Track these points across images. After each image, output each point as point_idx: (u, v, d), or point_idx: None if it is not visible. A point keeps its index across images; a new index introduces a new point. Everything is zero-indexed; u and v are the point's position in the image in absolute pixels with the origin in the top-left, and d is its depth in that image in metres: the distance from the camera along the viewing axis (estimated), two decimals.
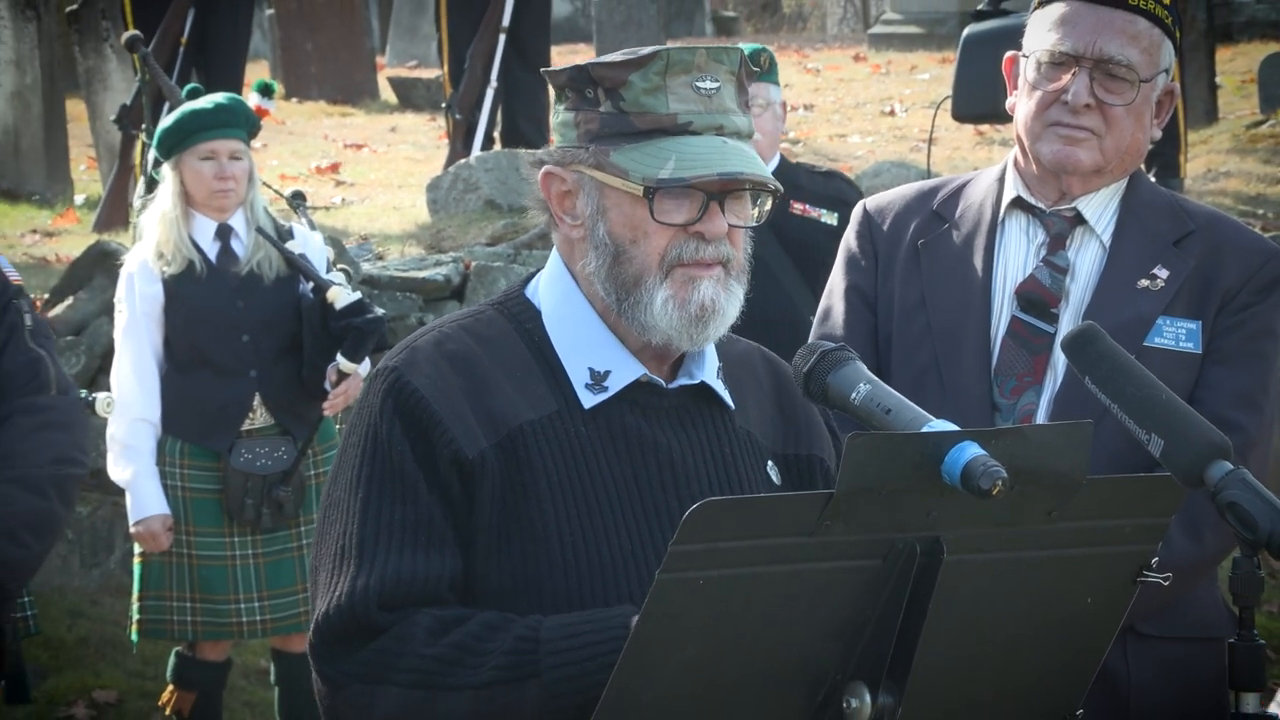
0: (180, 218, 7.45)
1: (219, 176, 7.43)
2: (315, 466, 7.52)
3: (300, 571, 7.49)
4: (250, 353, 7.44)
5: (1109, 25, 4.15)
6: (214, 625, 7.51)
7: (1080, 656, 3.21)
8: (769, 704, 3.06)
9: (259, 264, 7.45)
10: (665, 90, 3.31)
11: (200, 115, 7.54)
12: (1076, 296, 4.18)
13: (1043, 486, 3.04)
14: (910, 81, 16.19)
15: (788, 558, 2.97)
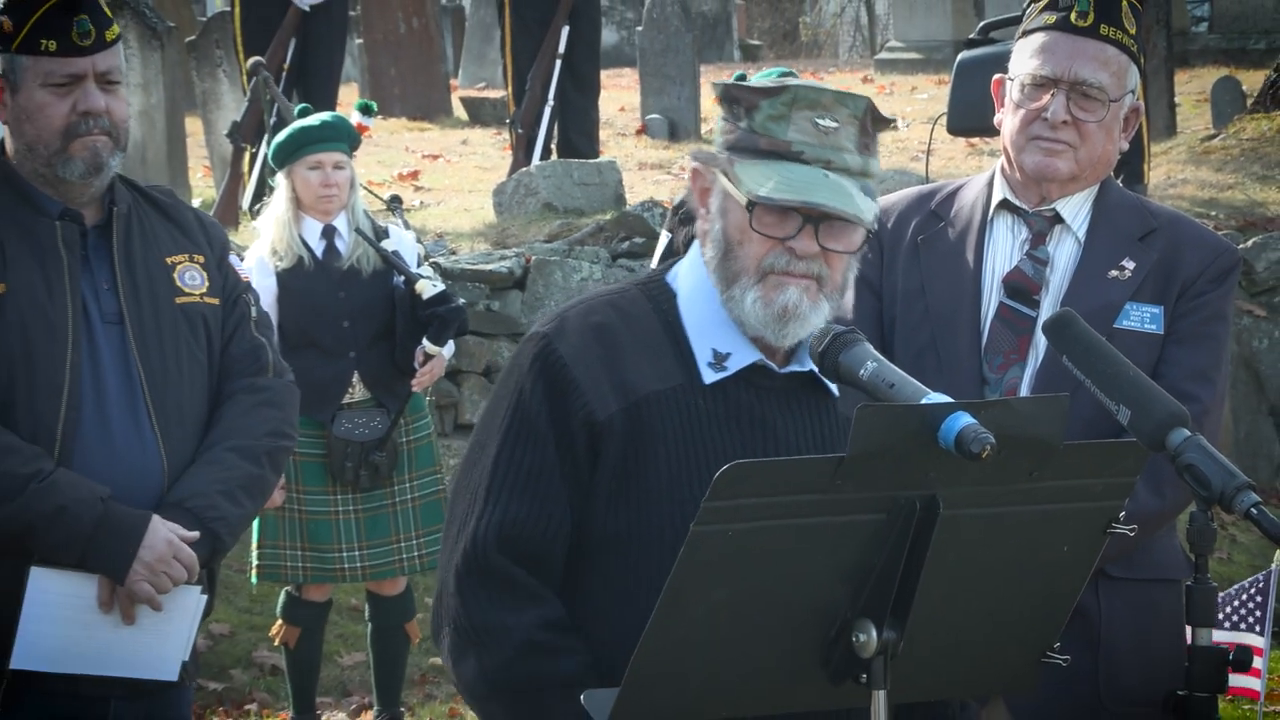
0: (291, 219, 7.49)
1: (324, 184, 7.46)
2: (406, 434, 7.55)
3: (394, 525, 7.52)
4: (350, 336, 7.47)
5: (1082, 52, 4.13)
6: (320, 570, 7.54)
7: (1058, 597, 3.19)
8: (789, 639, 3.05)
9: (358, 260, 7.48)
10: (788, 120, 3.28)
11: (309, 131, 7.57)
12: (1055, 285, 4.17)
13: (1026, 450, 3.03)
14: (911, 100, 16.16)
15: (805, 512, 2.96)
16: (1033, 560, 3.12)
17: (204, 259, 4.34)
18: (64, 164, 4.15)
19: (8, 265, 4.13)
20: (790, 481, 2.97)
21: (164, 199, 4.39)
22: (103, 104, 4.16)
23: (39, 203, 4.18)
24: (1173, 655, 3.42)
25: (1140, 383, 3.42)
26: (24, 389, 4.10)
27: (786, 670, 3.07)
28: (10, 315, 4.11)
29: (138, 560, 4.05)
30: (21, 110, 4.16)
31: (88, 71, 4.14)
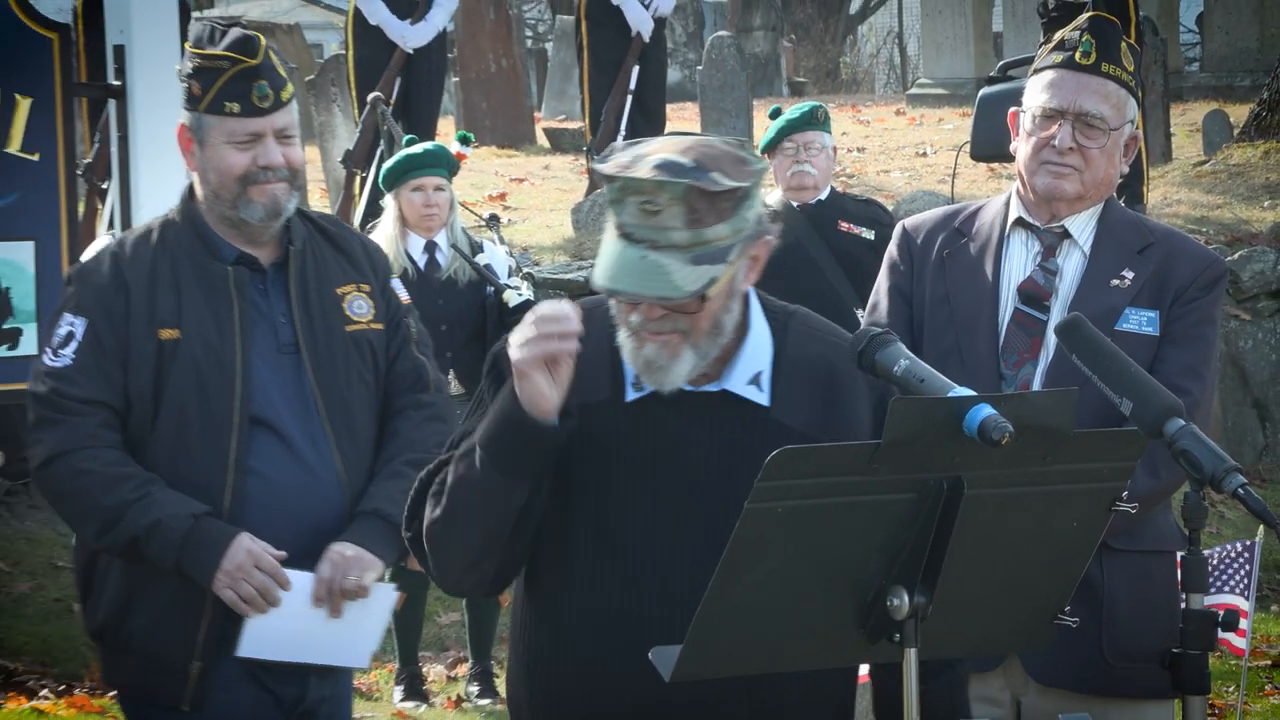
0: (398, 236, 7.52)
1: (426, 204, 7.49)
2: None
3: None
4: (447, 339, 7.48)
5: (1086, 87, 4.11)
6: None
7: (1068, 566, 3.18)
8: (831, 603, 3.04)
9: (455, 272, 7.51)
10: (622, 204, 3.16)
11: (414, 158, 7.60)
12: (1064, 293, 4.15)
13: (1040, 437, 3.01)
14: (938, 130, 16.10)
15: (845, 492, 2.95)
16: (1046, 534, 3.11)
17: (370, 288, 4.27)
18: (245, 207, 4.10)
19: (182, 311, 4.07)
20: (832, 465, 2.96)
21: (333, 229, 4.33)
22: (280, 158, 4.12)
23: (217, 248, 4.12)
24: (1168, 617, 3.40)
25: (1140, 378, 3.40)
26: (199, 424, 4.04)
27: (829, 630, 3.06)
28: (184, 357, 4.05)
29: (220, 569, 4.00)
30: (207, 162, 4.10)
31: (267, 130, 4.10)
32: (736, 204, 3.16)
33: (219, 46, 4.10)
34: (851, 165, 14.40)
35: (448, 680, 8.09)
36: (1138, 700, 4.03)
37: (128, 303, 4.03)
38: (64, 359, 4.03)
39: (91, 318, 4.03)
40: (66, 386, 4.01)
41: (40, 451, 4.04)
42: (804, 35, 27.26)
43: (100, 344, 4.02)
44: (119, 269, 4.06)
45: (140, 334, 4.02)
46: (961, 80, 18.35)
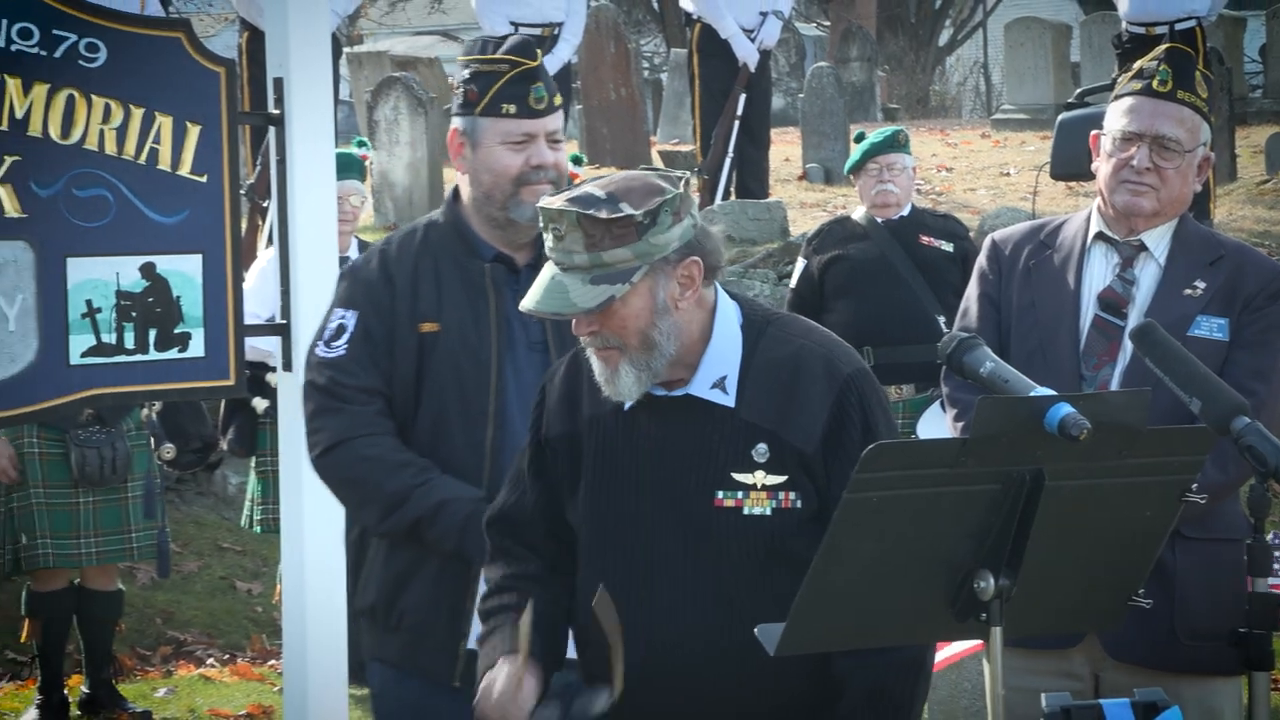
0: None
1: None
2: None
3: None
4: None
5: (1163, 113, 4.08)
6: None
7: (1142, 552, 3.15)
8: (922, 585, 3.02)
9: None
10: (545, 231, 3.23)
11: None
12: (1140, 301, 4.11)
13: (1115, 434, 2.99)
14: (1020, 151, 15.98)
15: (936, 483, 2.94)
16: (1121, 522, 3.08)
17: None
18: (516, 207, 3.93)
19: (442, 306, 3.94)
20: (924, 458, 2.95)
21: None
22: (551, 159, 3.98)
23: (477, 247, 3.97)
24: (1235, 600, 3.36)
25: (1209, 379, 3.37)
26: (457, 414, 3.90)
27: (920, 610, 3.05)
28: (443, 350, 3.91)
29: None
30: (480, 164, 3.96)
31: (540, 132, 3.96)
32: (639, 230, 3.17)
33: (498, 52, 3.98)
34: (940, 184, 14.33)
35: None
36: (1207, 676, 3.99)
37: (393, 297, 3.93)
38: (338, 350, 3.93)
39: (361, 310, 3.93)
40: (343, 376, 3.91)
41: (321, 439, 3.92)
42: (897, 65, 27.17)
43: (370, 335, 3.92)
44: (385, 265, 3.97)
45: (404, 327, 3.91)
46: (1042, 106, 18.22)
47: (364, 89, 16.60)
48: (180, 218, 4.84)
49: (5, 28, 4.63)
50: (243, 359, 4.94)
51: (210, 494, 9.22)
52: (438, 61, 21.39)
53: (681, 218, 3.21)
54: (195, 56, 4.85)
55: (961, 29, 31.27)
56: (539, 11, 11.44)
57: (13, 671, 7.70)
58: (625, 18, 20.05)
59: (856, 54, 20.56)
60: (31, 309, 4.67)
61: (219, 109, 4.85)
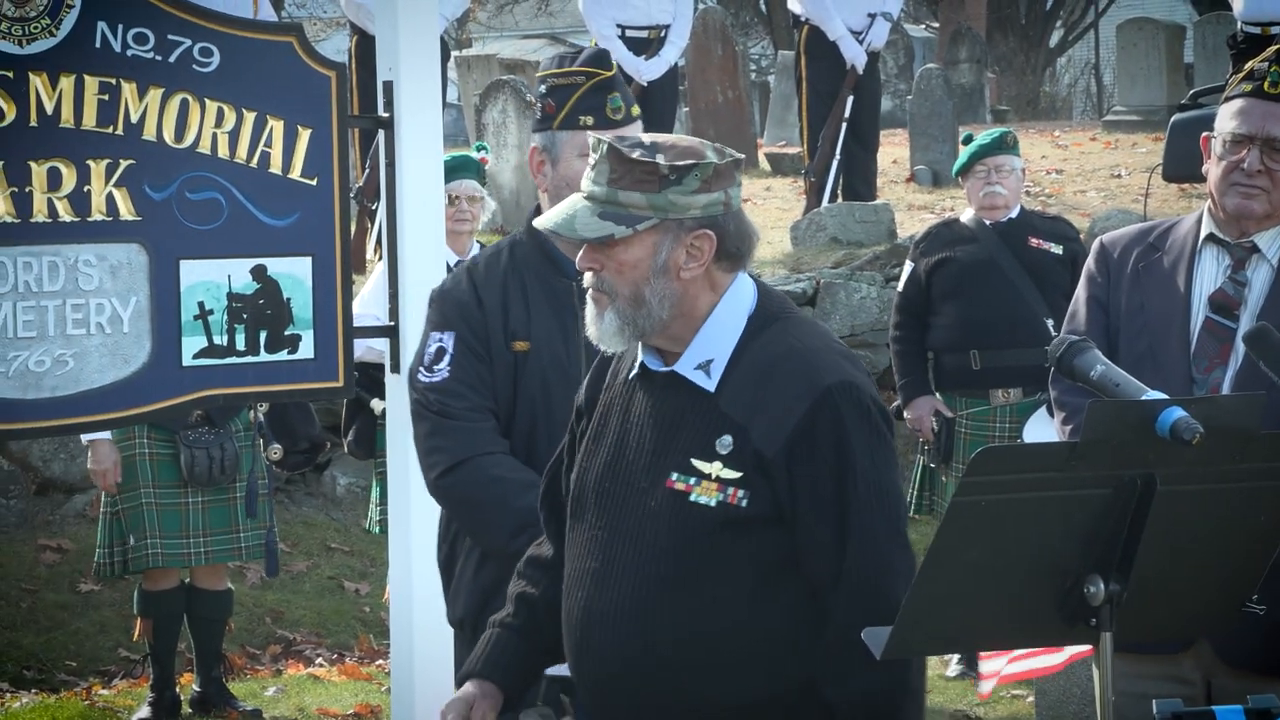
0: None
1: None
2: None
3: None
4: None
5: (1273, 115, 4.03)
6: None
7: (1256, 558, 3.11)
8: (1031, 589, 3.00)
9: None
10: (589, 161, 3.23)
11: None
12: (1253, 303, 4.06)
13: (1229, 438, 2.95)
14: (1132, 154, 15.84)
15: (1046, 487, 2.92)
16: (1235, 528, 3.05)
17: None
18: None
19: (531, 324, 3.91)
20: (1033, 462, 2.93)
21: None
22: None
23: (562, 265, 3.92)
24: None
25: None
26: (545, 430, 3.85)
27: (1029, 614, 3.03)
28: (534, 368, 3.89)
29: None
30: (561, 179, 3.91)
31: None
32: (661, 182, 3.14)
33: (574, 65, 3.97)
34: (1049, 186, 14.22)
35: None
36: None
37: (485, 317, 3.91)
38: (441, 373, 3.89)
39: (458, 331, 3.91)
40: (452, 399, 3.87)
41: (439, 459, 3.86)
42: (1007, 67, 26.98)
43: (471, 354, 3.90)
44: (475, 286, 3.95)
45: (498, 346, 3.90)
46: (1154, 108, 18.04)
47: (472, 92, 16.69)
48: (291, 220, 4.90)
49: (121, 33, 4.70)
50: (351, 360, 4.99)
51: (319, 494, 9.30)
52: None
53: (712, 189, 3.17)
54: (306, 60, 4.90)
55: (1073, 30, 31.03)
56: (646, 14, 11.46)
57: (126, 669, 7.80)
58: (733, 20, 20.03)
59: (966, 55, 20.44)
60: (145, 311, 4.73)
61: (329, 113, 4.90)
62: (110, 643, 8.06)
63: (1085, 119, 25.80)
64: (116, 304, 4.71)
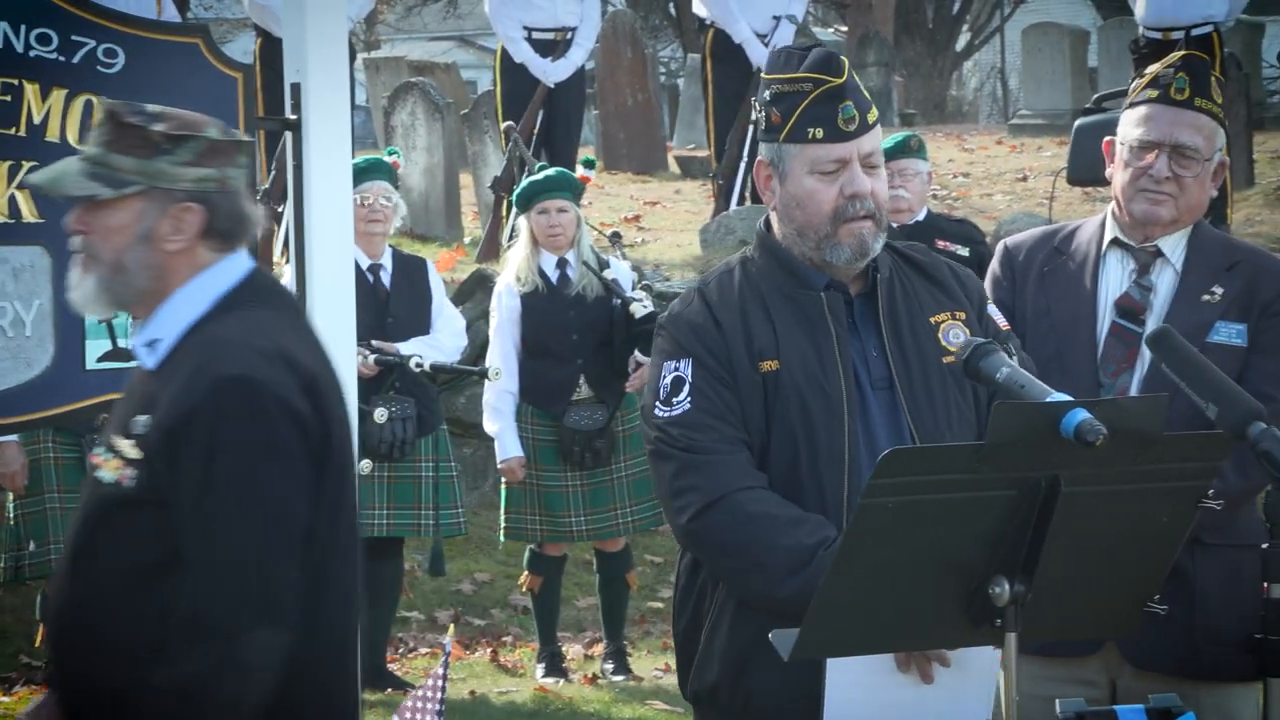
0: (531, 254, 7.53)
1: (550, 224, 7.50)
2: (622, 425, 7.56)
3: (612, 496, 7.54)
4: (577, 347, 7.49)
5: (1181, 121, 4.07)
6: (554, 532, 7.58)
7: (1158, 558, 3.15)
8: (938, 590, 3.03)
9: (584, 286, 7.51)
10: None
11: (537, 183, 7.65)
12: (1158, 307, 4.10)
13: (1132, 440, 2.99)
14: (1037, 157, 15.97)
15: (951, 489, 2.94)
16: (1137, 528, 3.08)
17: (965, 315, 3.60)
18: (832, 249, 3.51)
19: (780, 342, 3.50)
20: (939, 464, 2.95)
21: (921, 258, 3.68)
22: (868, 186, 3.51)
23: (805, 277, 3.55)
24: (1253, 606, 3.36)
25: (1225, 385, 3.37)
26: (808, 460, 3.45)
27: (935, 615, 3.05)
28: (788, 389, 3.47)
29: None
30: (791, 198, 3.53)
31: (853, 155, 3.50)
32: (154, 150, 3.09)
33: (800, 69, 3.55)
34: (957, 189, 14.33)
35: (585, 658, 8.11)
36: (1224, 682, 3.98)
37: (725, 339, 3.51)
38: (681, 406, 3.50)
39: (696, 356, 3.51)
40: (698, 433, 3.47)
41: (693, 499, 3.45)
42: (914, 71, 27.15)
43: (713, 380, 3.50)
44: (709, 307, 3.56)
45: (744, 369, 3.49)
46: (1059, 111, 18.20)
47: (381, 94, 16.62)
48: None
49: (24, 33, 4.64)
50: None
51: None
52: (454, 66, 21.41)
53: (206, 164, 3.11)
54: (213, 62, 4.86)
55: (979, 34, 31.24)
56: (552, 16, 11.45)
57: (27, 676, 7.72)
58: (642, 23, 20.06)
59: (873, 59, 20.54)
60: (48, 314, 4.68)
61: (236, 114, 4.86)
62: (11, 649, 7.96)
63: (991, 123, 25.99)
64: (19, 307, 4.65)
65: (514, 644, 8.32)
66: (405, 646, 8.27)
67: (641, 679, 7.68)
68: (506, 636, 8.43)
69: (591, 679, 7.70)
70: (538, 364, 7.50)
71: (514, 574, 8.47)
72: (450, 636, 4.26)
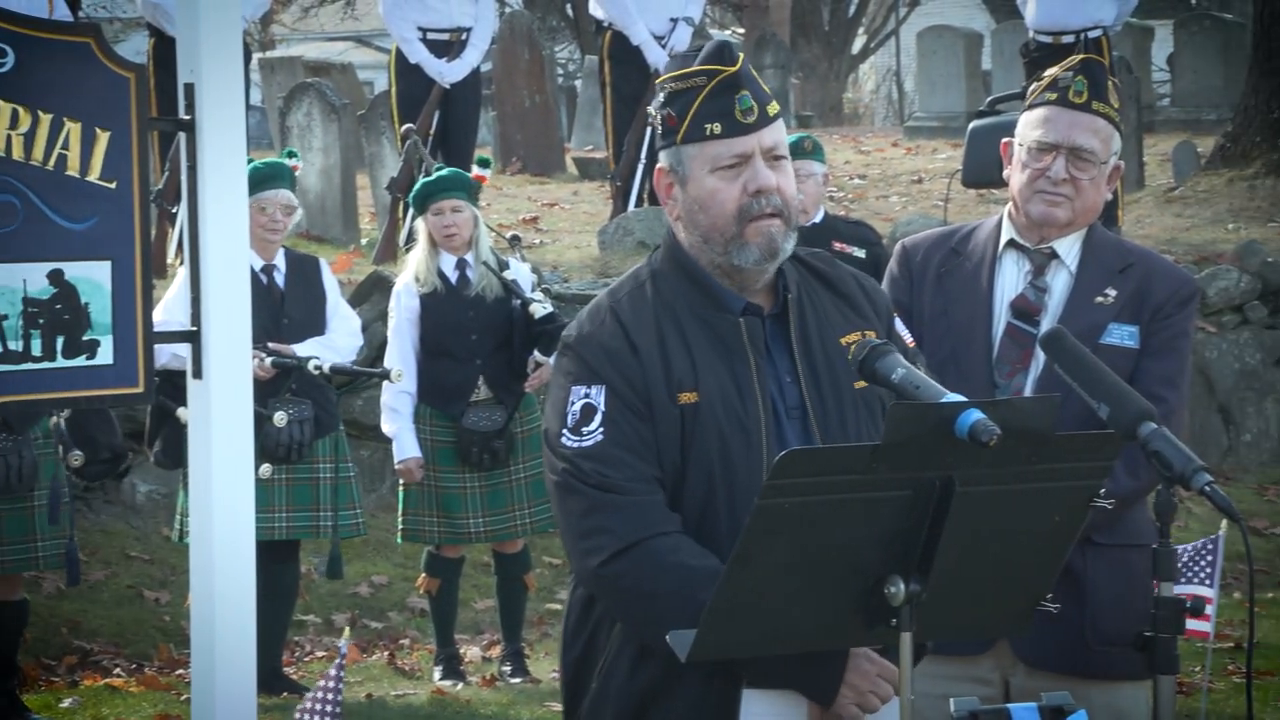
0: (430, 255, 7.51)
1: (445, 224, 7.49)
2: (520, 426, 7.55)
3: (510, 497, 7.52)
4: (476, 347, 7.47)
5: (1079, 124, 4.11)
6: (452, 533, 7.55)
7: (1050, 557, 3.17)
8: (834, 590, 3.03)
9: (484, 287, 7.50)
10: None
11: (430, 184, 7.65)
12: (1053, 308, 4.14)
13: (1025, 440, 3.01)
14: (932, 159, 16.09)
15: (847, 489, 2.95)
16: (1030, 528, 3.10)
17: (875, 334, 3.41)
18: (739, 251, 3.32)
19: (698, 373, 3.30)
20: (835, 465, 2.96)
21: (828, 270, 3.49)
22: (773, 181, 3.33)
23: (721, 298, 3.35)
24: (1143, 605, 3.39)
25: (1117, 386, 3.40)
26: (725, 495, 3.27)
27: (832, 615, 3.06)
28: (707, 423, 3.27)
29: (845, 684, 3.22)
30: (693, 201, 3.34)
31: (754, 149, 3.32)
32: None
33: (693, 64, 3.37)
34: (853, 191, 14.41)
35: (483, 660, 8.09)
36: (1115, 681, 4.03)
37: (642, 367, 3.29)
38: (593, 437, 3.27)
39: (609, 382, 3.29)
40: (611, 469, 3.25)
41: (605, 542, 3.23)
42: (810, 73, 27.28)
43: (627, 411, 3.27)
44: (623, 329, 3.33)
45: (661, 400, 3.27)
46: (954, 114, 18.36)
47: (277, 95, 16.51)
48: (89, 224, 4.80)
49: None
50: (152, 367, 4.90)
51: (119, 502, 9.13)
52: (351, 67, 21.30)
53: None
54: (105, 61, 4.81)
55: (874, 37, 31.45)
56: (446, 16, 11.41)
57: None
58: (539, 24, 20.02)
59: (770, 61, 20.63)
60: None
61: (129, 115, 4.81)
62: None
63: (887, 125, 26.16)
64: None
65: (411, 647, 8.28)
66: (302, 650, 8.21)
67: (539, 680, 7.66)
68: (404, 639, 8.40)
69: (489, 681, 7.69)
70: (436, 365, 7.47)
71: (411, 576, 8.44)
72: (346, 639, 4.23)
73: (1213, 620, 6.37)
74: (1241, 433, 10.95)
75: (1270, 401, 11.01)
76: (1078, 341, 3.47)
